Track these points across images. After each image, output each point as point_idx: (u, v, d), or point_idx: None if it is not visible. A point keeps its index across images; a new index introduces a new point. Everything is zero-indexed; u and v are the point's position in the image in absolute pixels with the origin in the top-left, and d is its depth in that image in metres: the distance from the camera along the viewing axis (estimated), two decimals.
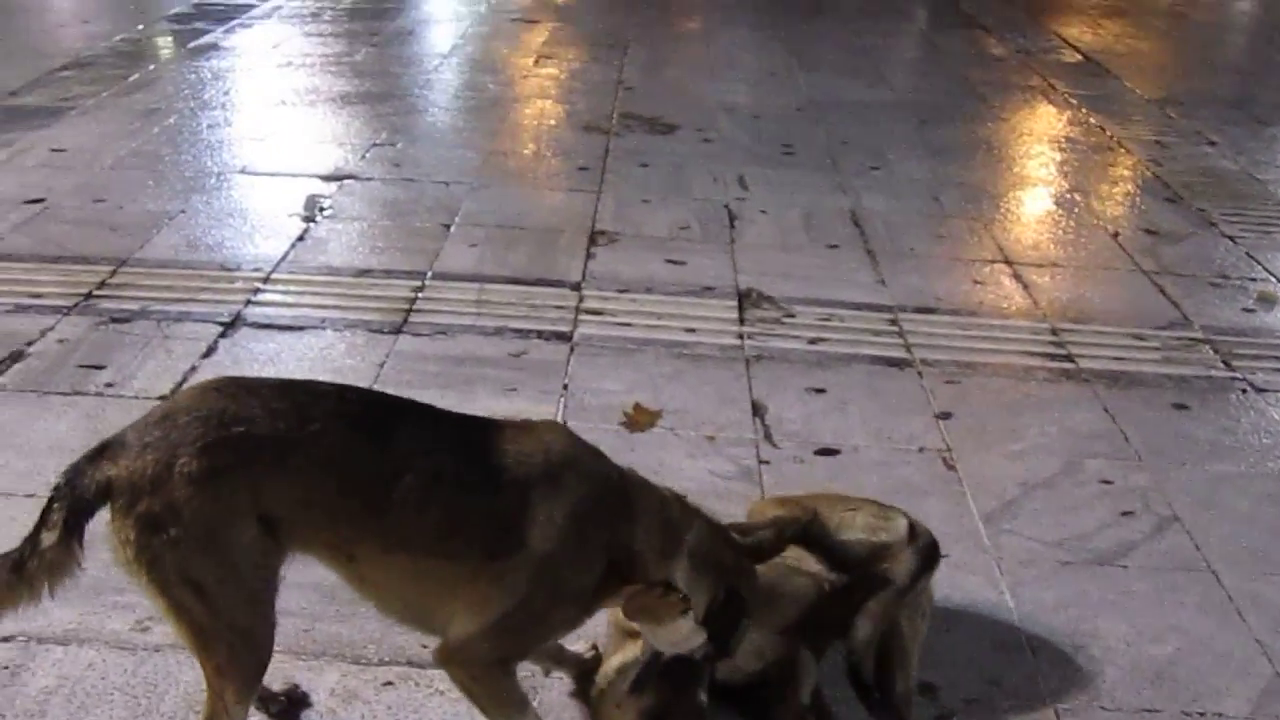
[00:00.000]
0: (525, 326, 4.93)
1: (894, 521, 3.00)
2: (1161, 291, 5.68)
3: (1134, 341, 5.15)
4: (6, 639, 2.99)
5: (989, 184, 7.30)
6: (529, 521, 2.41)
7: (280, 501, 2.35)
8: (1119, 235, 6.42)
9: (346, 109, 8.11)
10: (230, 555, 2.32)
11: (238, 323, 4.84)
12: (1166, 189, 7.20)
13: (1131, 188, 7.38)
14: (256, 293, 5.12)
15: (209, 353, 4.57)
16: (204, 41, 9.83)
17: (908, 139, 8.05)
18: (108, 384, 4.31)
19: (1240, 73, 11.43)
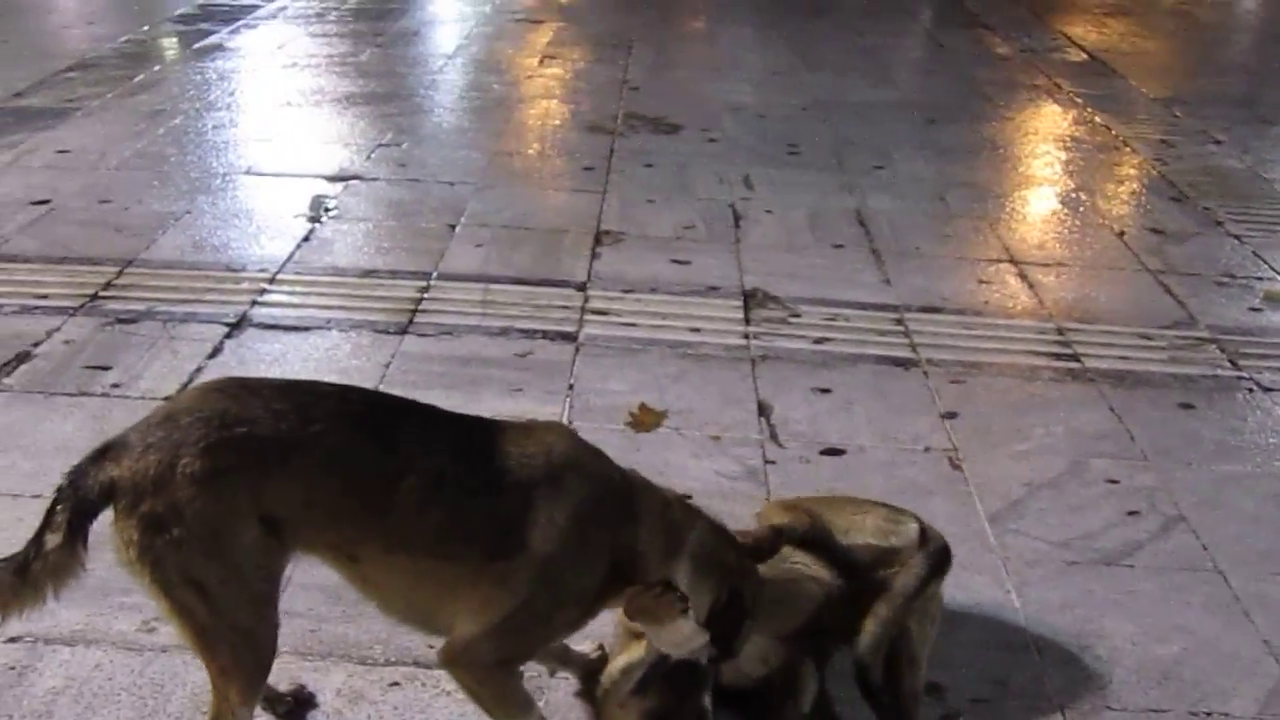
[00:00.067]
0: (530, 327, 4.93)
1: (905, 525, 2.97)
2: (1167, 291, 5.68)
3: (1140, 341, 5.14)
4: (13, 640, 3.00)
5: (994, 183, 7.30)
6: (531, 523, 2.41)
7: (282, 502, 2.35)
8: (1125, 234, 6.42)
9: (351, 110, 8.12)
10: (233, 556, 2.33)
11: (243, 323, 4.84)
12: (1172, 188, 7.19)
13: (1137, 187, 7.37)
14: (262, 293, 5.13)
15: (215, 353, 4.58)
16: (209, 42, 9.84)
17: (913, 138, 8.04)
18: (114, 385, 4.32)
19: (1246, 72, 11.41)
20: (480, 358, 4.66)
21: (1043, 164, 7.81)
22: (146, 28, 10.33)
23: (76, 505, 2.28)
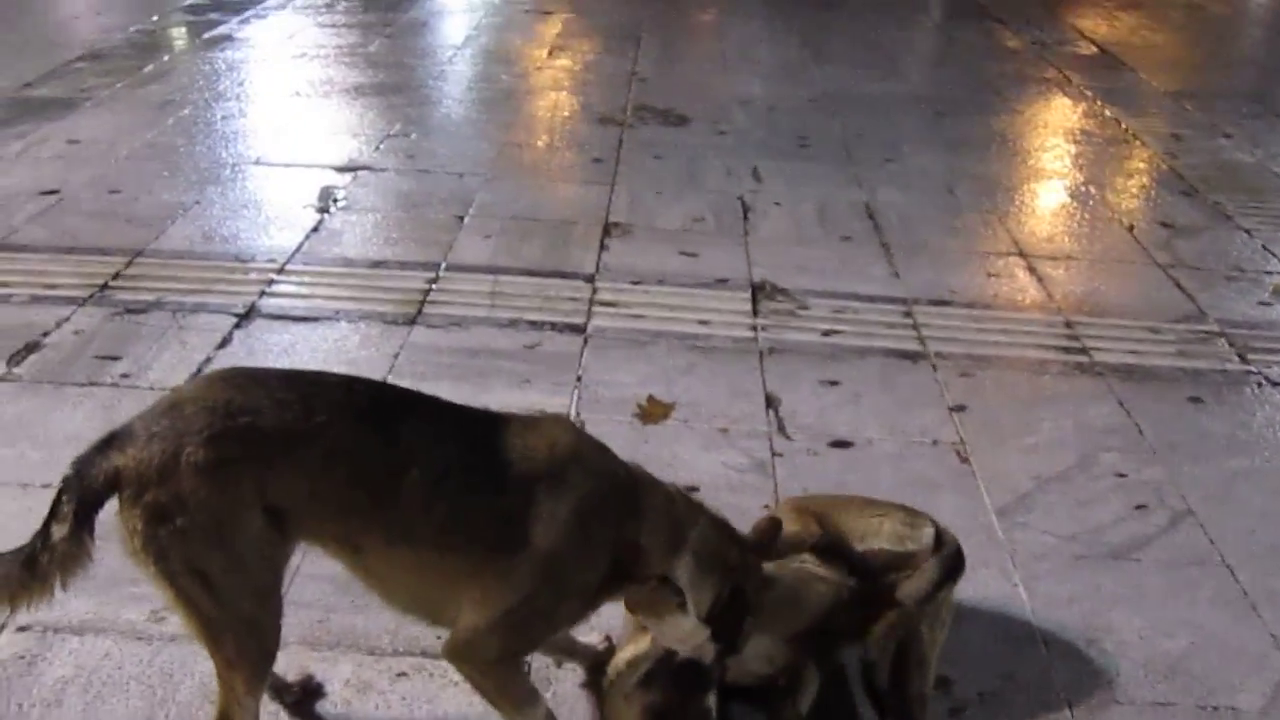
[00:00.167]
0: (539, 318, 4.93)
1: (921, 530, 2.95)
2: (1177, 285, 5.66)
3: (1149, 335, 5.13)
4: (23, 629, 3.01)
5: (1004, 177, 7.29)
6: (534, 517, 2.41)
7: (286, 492, 2.35)
8: (1134, 228, 6.40)
9: (360, 100, 8.12)
10: (236, 545, 2.33)
11: (252, 314, 4.85)
12: (1182, 182, 7.17)
13: (1147, 181, 7.35)
14: (271, 284, 5.14)
15: (224, 344, 4.59)
16: (218, 33, 9.85)
17: (922, 132, 8.03)
18: (123, 375, 4.32)
19: (1257, 65, 11.38)
20: (489, 349, 4.66)
21: (1052, 157, 7.79)
22: (156, 18, 10.34)
23: (82, 495, 2.27)
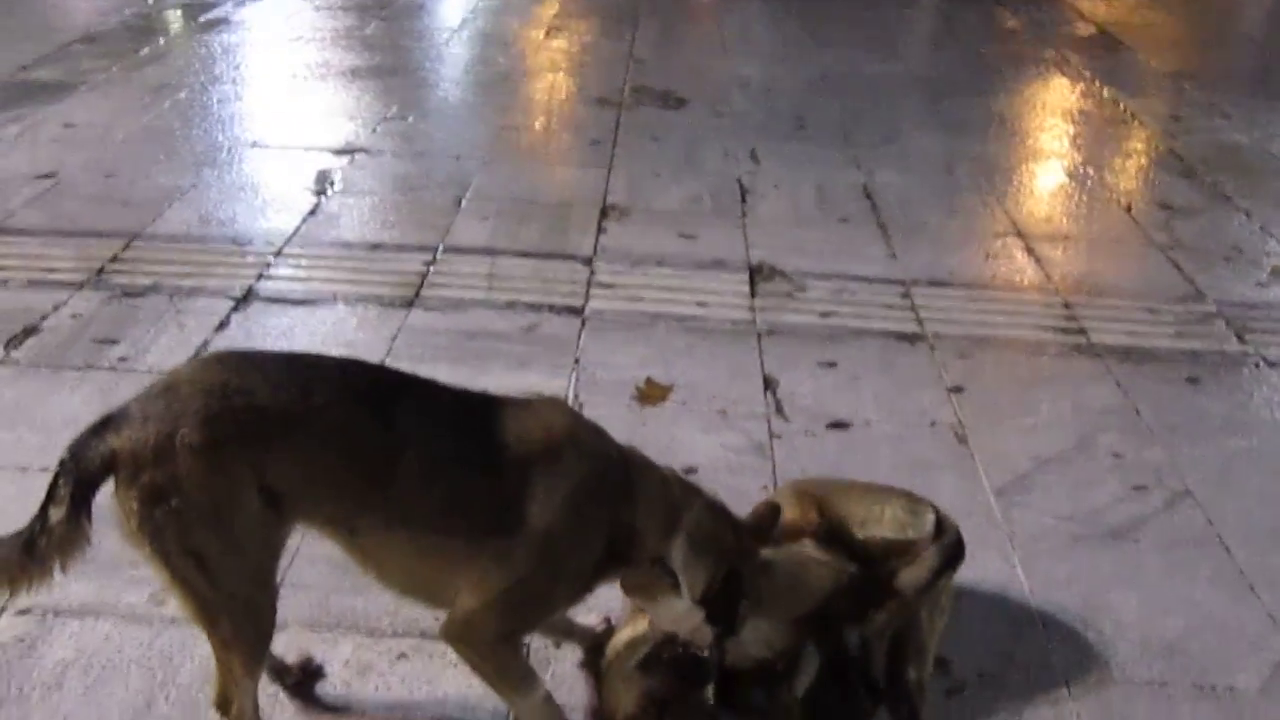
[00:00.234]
0: (537, 301, 4.93)
1: (922, 517, 2.95)
2: (1175, 266, 5.66)
3: (1147, 316, 5.13)
4: (23, 612, 3.02)
5: (1002, 158, 7.28)
6: (529, 500, 2.41)
7: (282, 474, 2.35)
8: (1132, 209, 6.40)
9: (357, 83, 8.10)
10: (232, 527, 2.33)
11: (250, 297, 4.84)
12: (1181, 163, 7.17)
13: (1145, 161, 7.35)
14: (268, 267, 5.13)
15: (221, 327, 4.59)
16: (214, 16, 9.82)
17: (921, 113, 8.02)
18: (121, 358, 4.32)
19: (1256, 46, 11.36)
20: (487, 332, 4.66)
21: (1050, 138, 7.78)
22: (152, 1, 10.30)
23: (78, 478, 2.27)
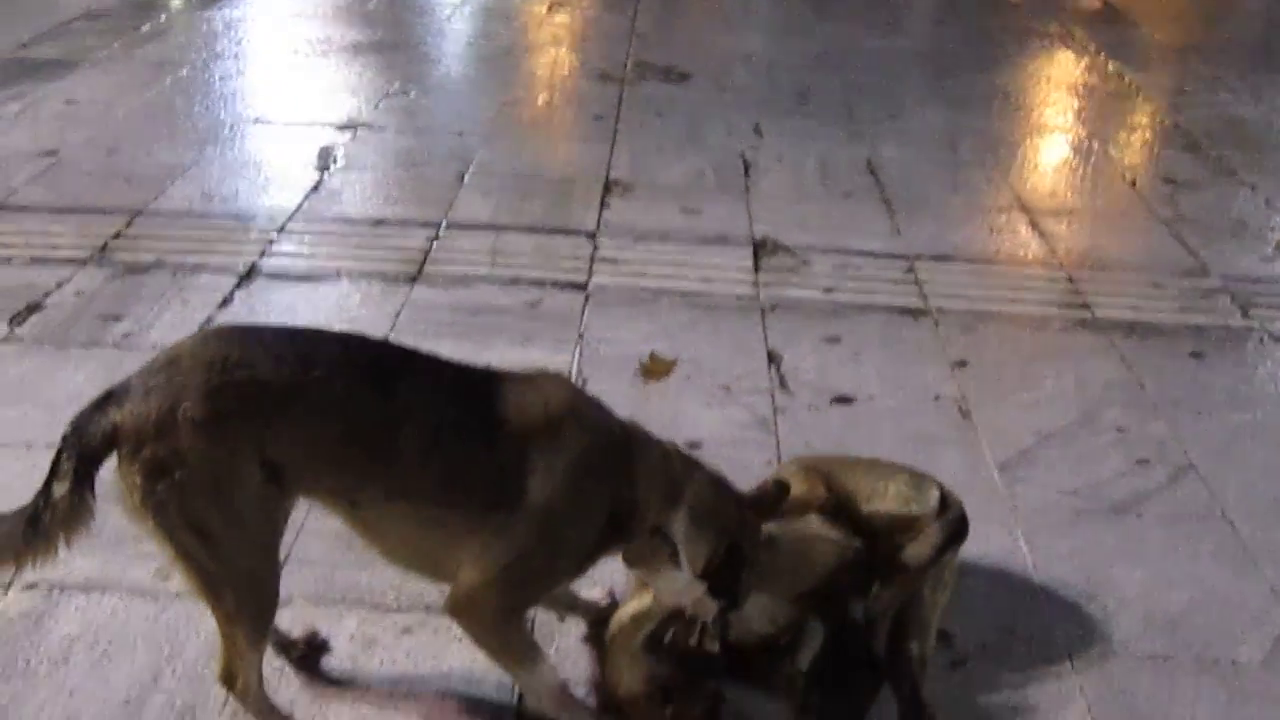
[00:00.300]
0: (540, 276, 4.92)
1: (926, 493, 2.95)
2: (1179, 240, 5.65)
3: (1151, 290, 5.12)
4: (29, 587, 3.02)
5: (1006, 132, 7.26)
6: (530, 474, 2.41)
7: (284, 447, 2.35)
8: (1137, 183, 6.38)
9: (359, 58, 8.08)
10: (234, 500, 2.34)
11: (253, 273, 4.84)
12: (1186, 137, 7.14)
13: (1150, 135, 7.33)
14: (271, 243, 5.13)
15: (225, 303, 4.59)
16: None
17: (925, 87, 8.00)
18: (125, 335, 4.32)
19: (1261, 19, 11.28)
20: (490, 307, 4.66)
21: (1055, 112, 7.75)
22: None
23: (81, 453, 2.28)
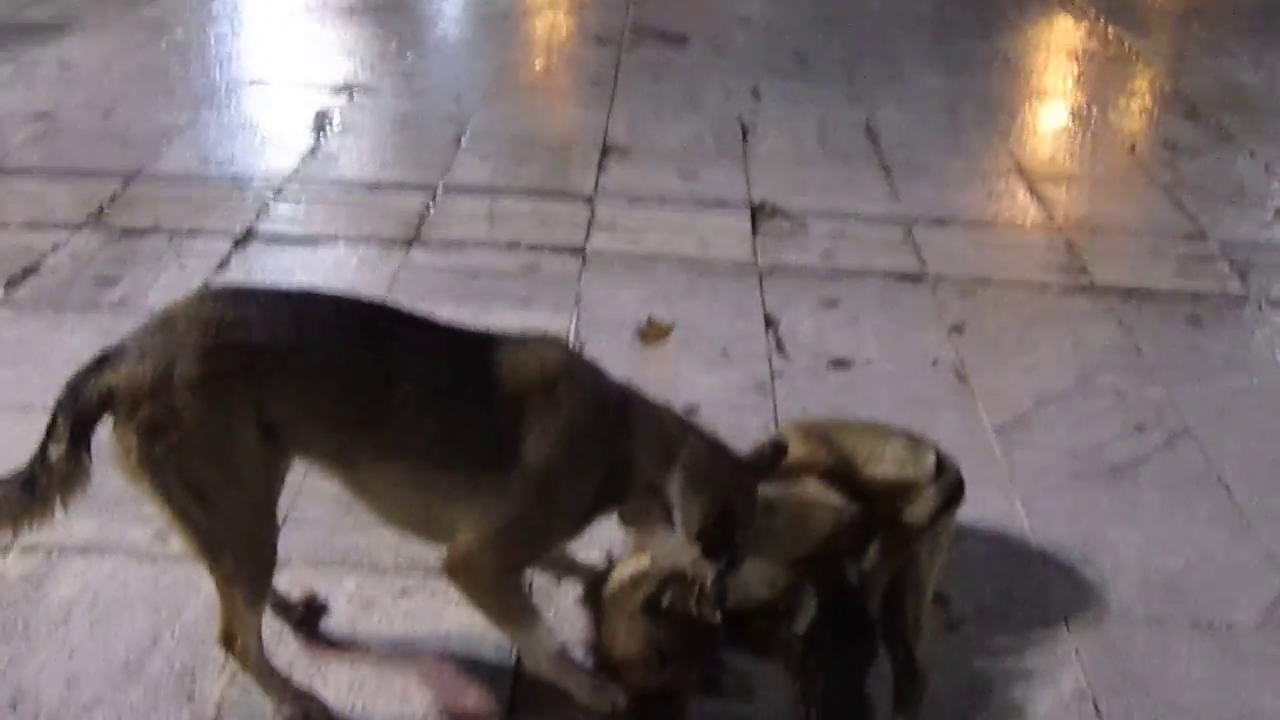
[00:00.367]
0: (538, 240, 4.91)
1: (923, 456, 2.95)
2: (1178, 206, 5.63)
3: (1150, 256, 5.12)
4: (29, 549, 3.03)
5: (1006, 97, 7.23)
6: (525, 435, 2.41)
7: (279, 407, 2.35)
8: (1136, 148, 6.36)
9: (355, 20, 8.03)
10: (231, 460, 2.34)
11: (250, 237, 4.82)
12: (1186, 102, 7.12)
13: (1150, 101, 7.30)
14: (268, 206, 5.11)
15: (222, 267, 4.57)
16: None
17: (924, 51, 7.95)
18: (121, 298, 4.31)
19: None
20: (488, 271, 4.65)
21: (1055, 77, 7.73)
22: None
23: (77, 414, 2.28)
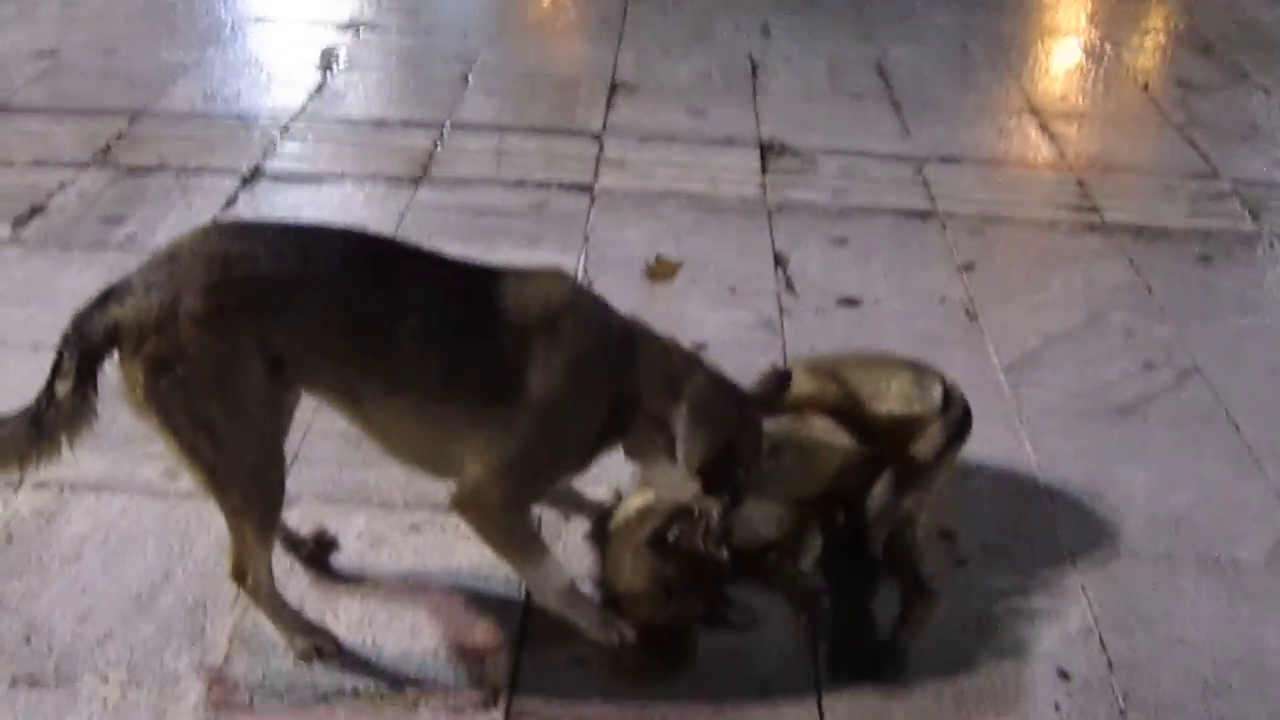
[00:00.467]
0: (546, 178, 4.89)
1: (929, 389, 2.94)
2: (1191, 144, 5.59)
3: (1161, 194, 5.08)
4: (40, 486, 3.05)
5: (1018, 34, 7.16)
6: (530, 368, 2.41)
7: (285, 341, 2.35)
8: (1149, 86, 6.30)
9: None
10: (237, 394, 2.34)
11: (257, 175, 4.81)
12: (1199, 39, 7.04)
13: (1163, 38, 7.22)
14: (275, 144, 5.09)
15: (229, 205, 4.56)
16: None
17: None
18: (129, 236, 4.31)
19: None
20: (495, 209, 4.63)
21: (1067, 14, 7.64)
22: None
23: (83, 350, 2.27)
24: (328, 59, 6.07)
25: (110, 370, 2.32)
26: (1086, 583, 2.97)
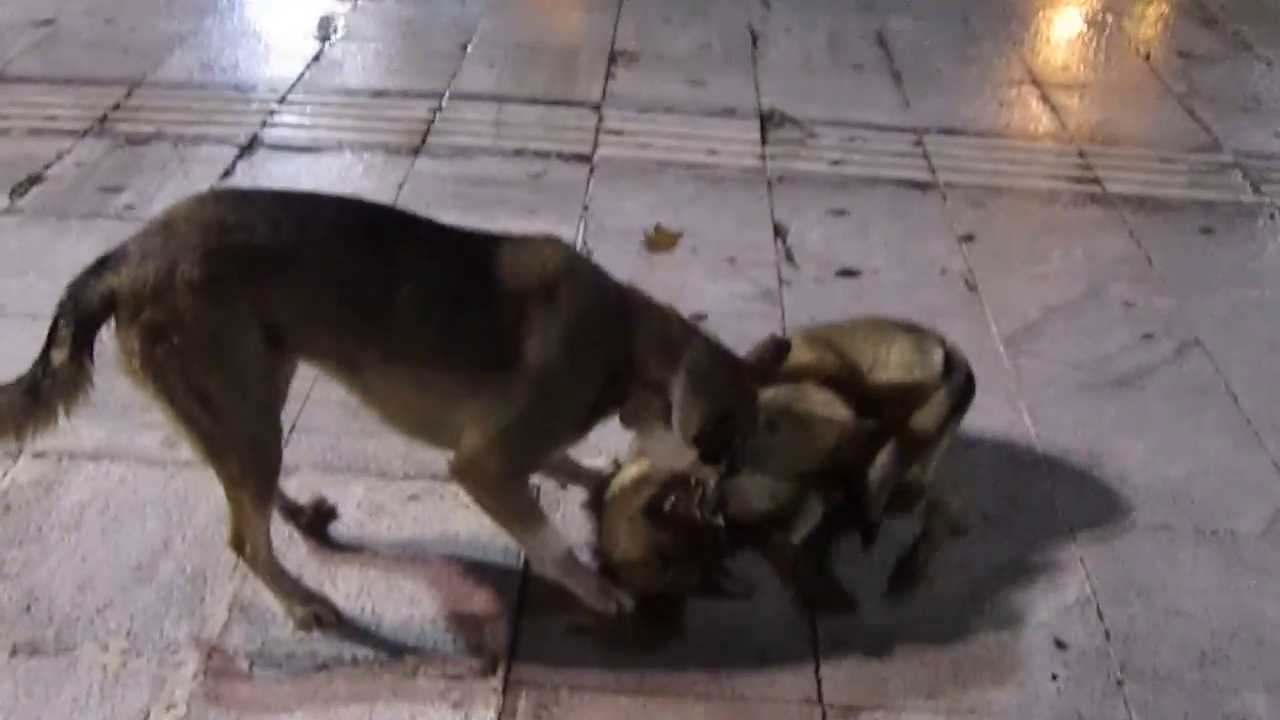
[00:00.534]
0: (544, 148, 4.87)
1: (930, 356, 2.93)
2: (1192, 115, 5.57)
3: (1162, 165, 5.07)
4: (39, 455, 3.04)
5: (1019, 4, 7.12)
6: (526, 335, 2.40)
7: (282, 309, 2.34)
8: (1151, 57, 6.27)
9: None
10: (234, 362, 2.33)
11: (255, 144, 4.79)
12: (1202, 10, 7.00)
13: (1166, 8, 7.18)
14: (273, 114, 5.06)
15: (227, 174, 4.55)
16: None
17: None
18: (127, 206, 4.29)
19: None
20: (494, 179, 4.62)
21: None
22: None
23: (79, 319, 2.27)
24: (325, 28, 6.04)
25: (107, 339, 2.31)
26: (1084, 554, 2.97)
